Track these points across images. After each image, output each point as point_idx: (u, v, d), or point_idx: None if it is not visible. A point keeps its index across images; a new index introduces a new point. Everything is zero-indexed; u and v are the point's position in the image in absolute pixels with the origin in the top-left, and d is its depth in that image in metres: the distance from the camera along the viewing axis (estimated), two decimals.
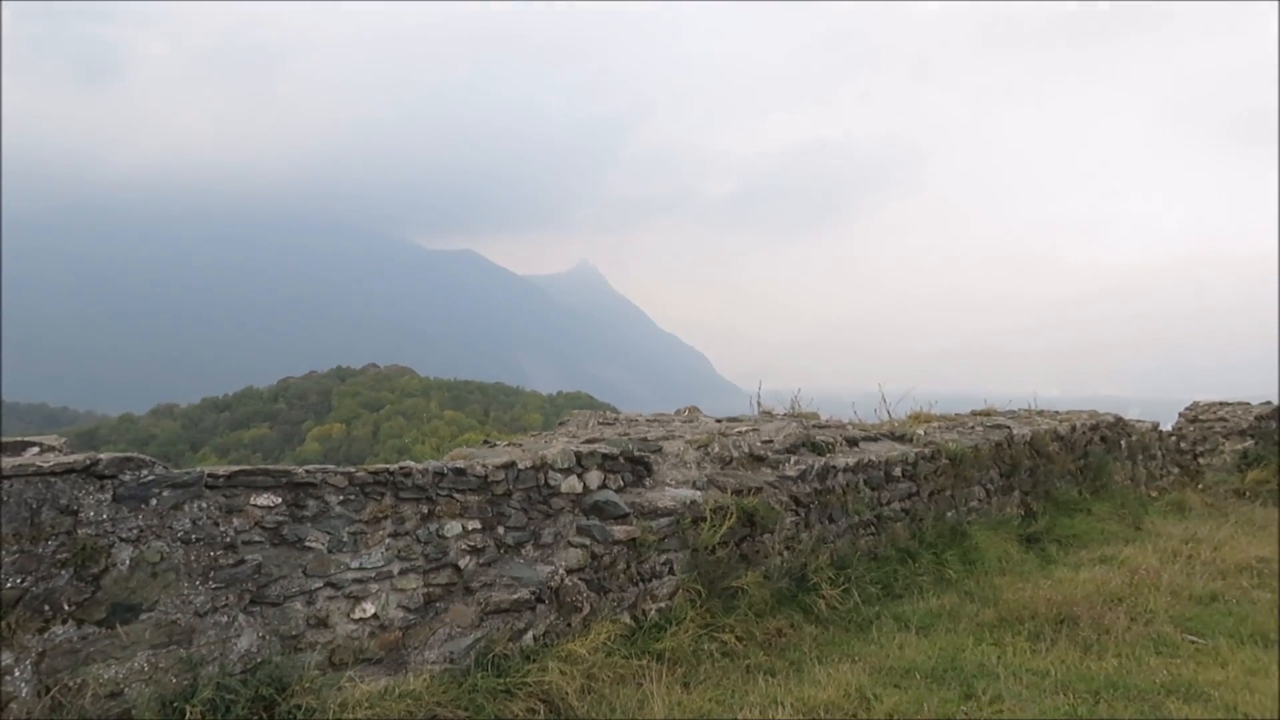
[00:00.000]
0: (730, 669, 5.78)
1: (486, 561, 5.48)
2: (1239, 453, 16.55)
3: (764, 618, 6.51)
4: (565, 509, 6.02)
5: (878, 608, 7.18)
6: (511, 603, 5.41)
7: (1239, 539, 10.40)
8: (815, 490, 7.74)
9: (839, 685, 5.45)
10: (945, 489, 9.51)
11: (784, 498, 7.35)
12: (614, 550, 6.01)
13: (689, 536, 6.48)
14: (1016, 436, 11.09)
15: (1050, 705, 5.26)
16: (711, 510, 6.61)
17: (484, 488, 5.53)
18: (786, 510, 7.33)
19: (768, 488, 7.26)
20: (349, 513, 4.87)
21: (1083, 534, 10.27)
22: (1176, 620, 7.15)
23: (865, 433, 9.51)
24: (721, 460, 7.49)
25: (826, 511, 7.85)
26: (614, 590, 6.02)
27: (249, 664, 4.39)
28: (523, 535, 5.72)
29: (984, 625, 6.84)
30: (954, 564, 8.41)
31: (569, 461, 6.12)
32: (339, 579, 4.78)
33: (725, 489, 6.98)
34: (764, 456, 7.79)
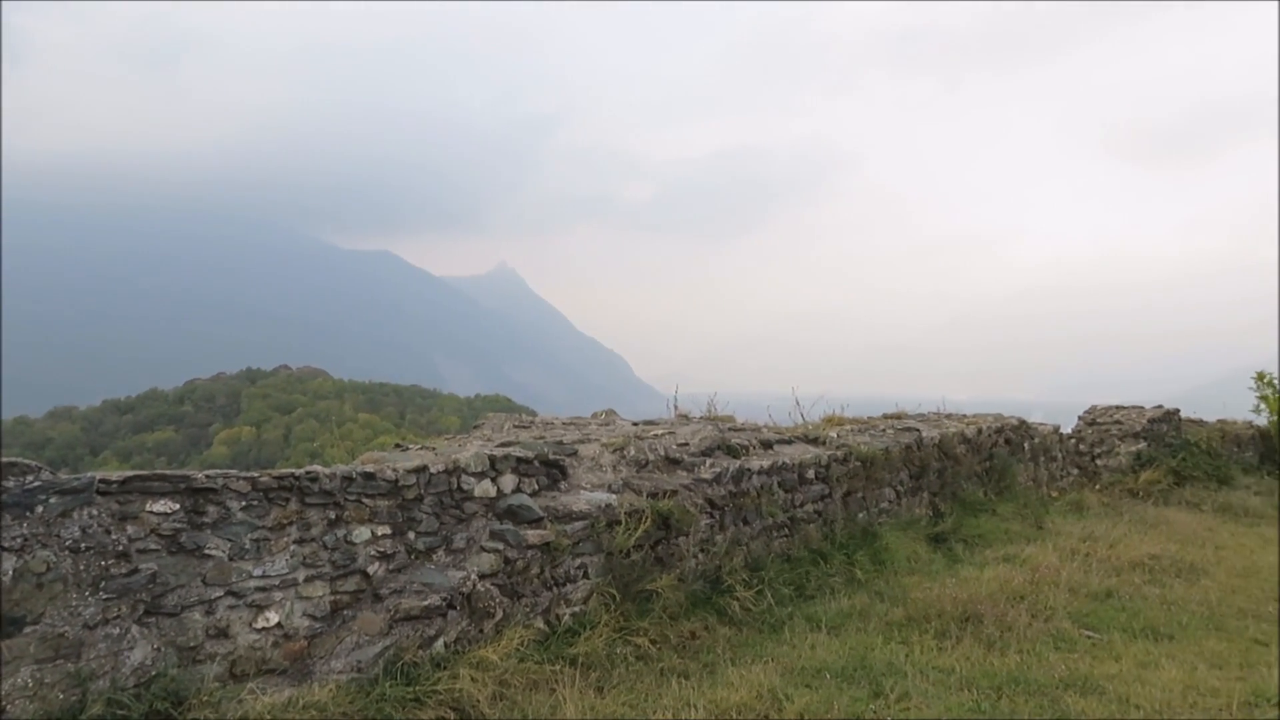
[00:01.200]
0: (644, 672, 5.78)
1: (396, 568, 5.37)
2: (1133, 454, 17.25)
3: (678, 620, 6.53)
4: (478, 513, 5.95)
5: (790, 608, 7.27)
6: (422, 609, 5.31)
7: (1133, 537, 10.84)
8: (730, 493, 7.80)
9: (751, 686, 5.50)
10: (857, 491, 9.69)
11: (699, 500, 7.38)
12: (528, 555, 5.96)
13: (604, 540, 6.46)
14: (926, 439, 11.35)
15: (955, 701, 5.39)
16: (627, 513, 6.61)
17: (395, 492, 5.42)
18: (702, 513, 7.36)
19: (683, 491, 7.29)
20: (252, 519, 4.72)
21: (988, 534, 10.57)
22: (1075, 616, 7.41)
23: (779, 435, 9.62)
24: (637, 463, 7.49)
25: (741, 514, 7.92)
26: (527, 595, 5.96)
27: (143, 677, 4.21)
28: (434, 540, 5.62)
29: (893, 624, 6.98)
30: (865, 564, 8.57)
31: (483, 465, 6.05)
32: (241, 587, 4.63)
33: (641, 492, 6.98)
34: (680, 459, 7.81)
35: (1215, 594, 8.54)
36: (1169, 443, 17.77)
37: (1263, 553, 10.93)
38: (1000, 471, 13.12)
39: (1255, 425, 20.35)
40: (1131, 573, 9.11)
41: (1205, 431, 18.76)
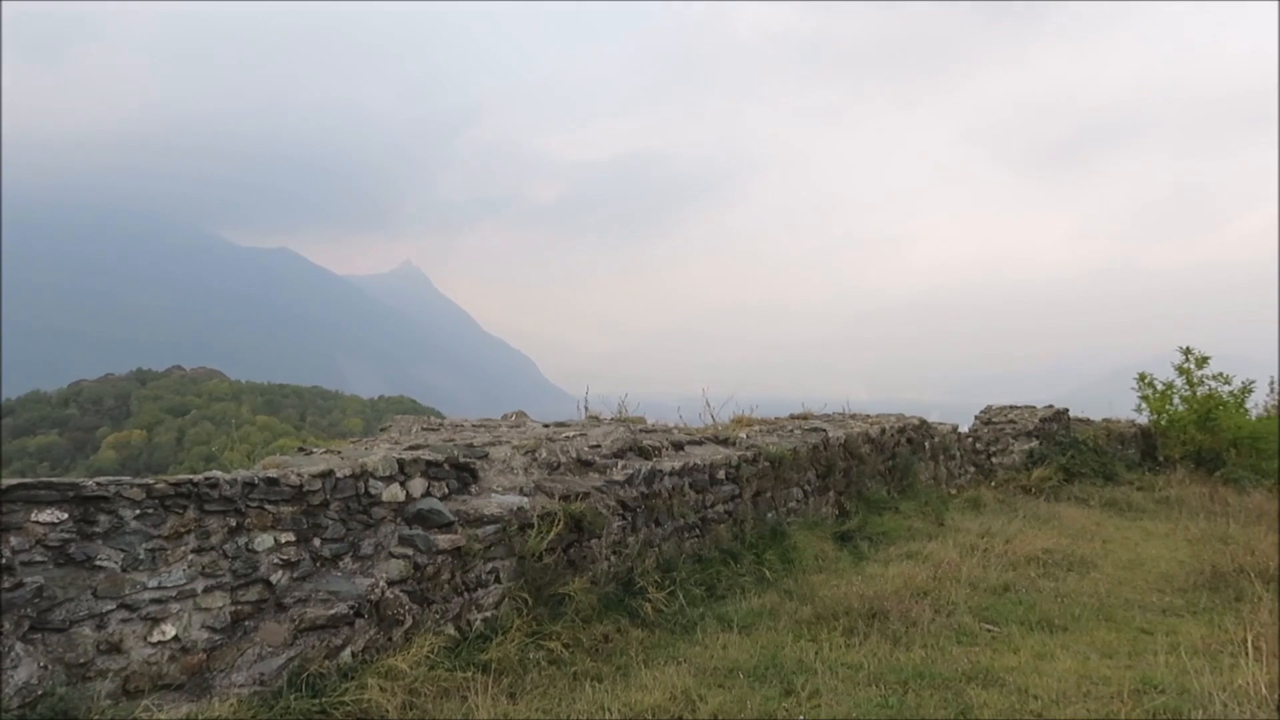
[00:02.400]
0: (557, 677, 5.73)
1: (301, 576, 5.20)
2: (1026, 452, 17.92)
3: (591, 623, 6.50)
4: (387, 518, 5.81)
5: (702, 609, 7.31)
6: (328, 618, 5.16)
7: (1027, 532, 11.25)
8: (642, 494, 7.80)
9: (665, 688, 5.50)
10: (766, 491, 9.81)
11: (611, 502, 7.36)
12: (438, 560, 5.84)
13: (516, 544, 6.39)
14: (832, 439, 11.57)
15: (864, 697, 5.49)
16: (539, 516, 6.54)
17: (299, 498, 5.25)
18: (614, 515, 7.35)
19: (595, 493, 7.26)
20: (147, 528, 4.51)
21: (891, 531, 10.83)
22: (975, 610, 7.64)
23: (690, 437, 9.68)
24: (549, 466, 7.43)
25: (653, 515, 7.93)
26: (438, 601, 5.85)
27: (28, 697, 3.98)
28: (341, 547, 5.47)
29: (802, 622, 7.08)
30: (774, 564, 8.68)
31: (391, 469, 5.91)
32: (135, 600, 4.42)
33: (553, 495, 6.93)
34: (592, 461, 7.78)
35: (1104, 586, 8.92)
36: (1059, 441, 18.51)
37: (1146, 545, 11.47)
38: (903, 470, 13.47)
39: (1137, 424, 21.35)
40: (1027, 567, 9.45)
41: (1092, 430, 19.61)
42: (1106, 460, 18.32)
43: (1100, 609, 8.06)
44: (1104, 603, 8.28)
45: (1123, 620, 7.75)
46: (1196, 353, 21.39)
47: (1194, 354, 21.39)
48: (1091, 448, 18.52)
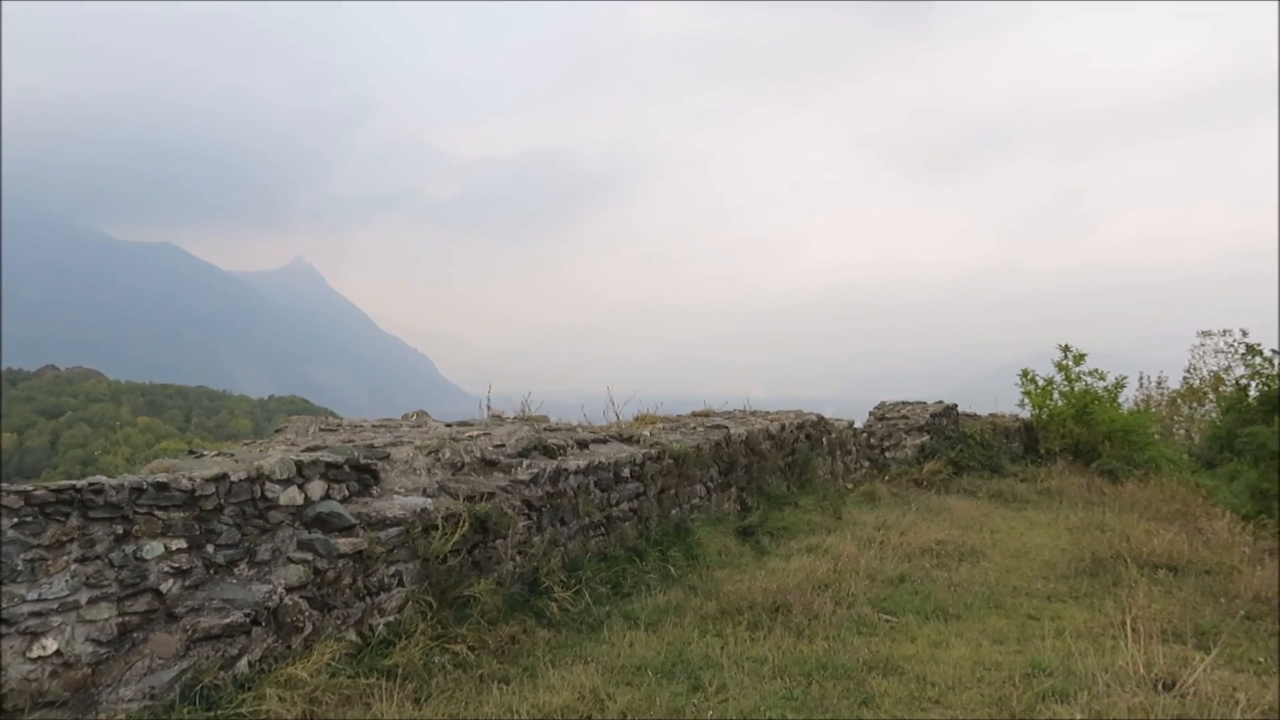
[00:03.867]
0: (464, 680, 5.64)
1: (194, 584, 4.99)
2: (918, 446, 18.50)
3: (497, 625, 6.42)
4: (285, 523, 5.62)
5: (608, 607, 7.31)
6: (223, 627, 4.96)
7: (920, 524, 11.61)
8: (548, 493, 7.75)
9: (573, 688, 5.48)
10: (670, 488, 9.87)
11: (517, 502, 7.30)
12: (339, 564, 5.69)
13: (419, 546, 6.27)
14: (734, 436, 11.72)
15: (769, 690, 5.58)
16: (443, 518, 6.43)
17: (191, 503, 5.04)
18: (519, 515, 7.28)
19: (500, 493, 7.18)
20: (25, 537, 4.26)
21: (792, 525, 11.03)
22: (874, 601, 7.85)
23: (595, 435, 9.67)
24: (453, 466, 7.31)
25: (559, 514, 7.89)
26: (339, 607, 5.69)
27: None
28: (236, 553, 5.27)
29: (707, 617, 7.15)
30: (679, 560, 8.74)
31: (289, 471, 5.72)
32: (12, 614, 4.16)
33: (457, 495, 6.82)
34: (496, 461, 7.70)
35: (993, 575, 9.27)
36: (949, 435, 19.17)
37: (1030, 535, 11.97)
38: (802, 466, 13.74)
39: (1021, 418, 22.28)
40: (921, 558, 9.75)
41: (979, 424, 20.36)
42: (993, 453, 19.05)
43: (990, 597, 8.37)
44: (993, 591, 8.60)
45: (1011, 607, 8.06)
46: (1074, 350, 22.46)
47: (1072, 351, 22.45)
48: (979, 442, 19.23)
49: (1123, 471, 19.29)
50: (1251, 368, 26.58)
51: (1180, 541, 11.02)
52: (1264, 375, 25.76)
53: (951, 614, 7.72)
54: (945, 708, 5.39)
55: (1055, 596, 8.56)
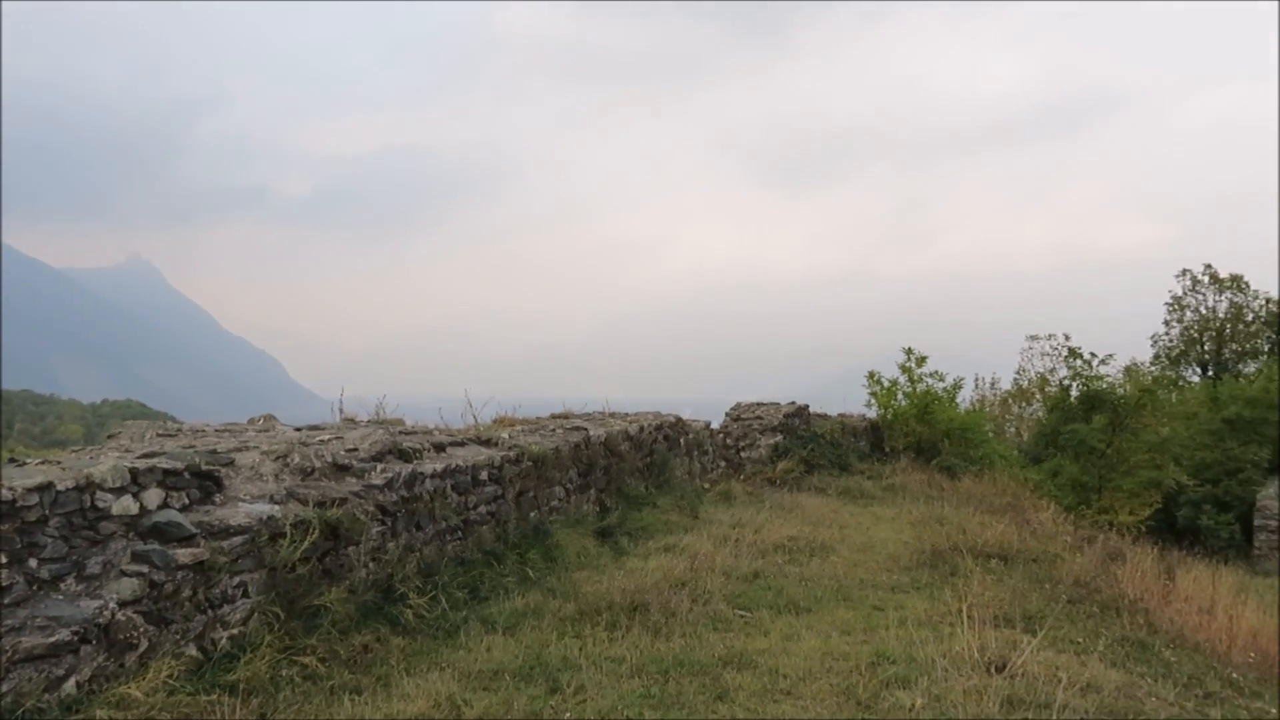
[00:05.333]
0: (313, 693, 5.45)
1: (15, 601, 4.63)
2: (772, 446, 19.03)
3: (349, 634, 6.23)
4: (118, 534, 5.29)
5: (465, 612, 7.20)
6: (47, 647, 4.63)
7: (774, 522, 11.95)
8: (403, 498, 7.58)
9: (429, 695, 5.38)
10: (529, 490, 9.82)
11: (370, 507, 7.10)
12: (178, 576, 5.39)
13: (266, 555, 6.01)
14: (593, 437, 11.76)
15: (627, 689, 5.62)
16: (292, 525, 6.19)
17: (12, 514, 4.68)
18: (373, 520, 7.09)
19: (353, 498, 6.97)
20: None
21: (650, 526, 11.16)
22: (729, 598, 8.03)
23: (452, 438, 9.52)
24: (303, 471, 7.06)
25: (414, 519, 7.73)
26: (178, 621, 5.40)
27: None
28: (63, 567, 4.92)
29: (566, 619, 7.14)
30: (537, 562, 8.71)
31: (122, 479, 5.39)
32: None
33: (307, 501, 6.58)
34: (349, 465, 7.47)
35: (842, 568, 9.64)
36: (801, 435, 19.80)
37: (876, 529, 12.50)
38: (660, 466, 13.92)
39: (868, 418, 23.26)
40: (774, 554, 10.04)
41: (829, 424, 21.14)
42: (842, 452, 19.81)
43: (839, 590, 8.69)
44: (842, 584, 8.94)
45: (858, 599, 8.40)
46: (916, 353, 23.62)
47: (914, 354, 23.60)
48: (829, 441, 19.96)
49: (960, 468, 20.42)
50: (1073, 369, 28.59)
51: (1010, 532, 11.75)
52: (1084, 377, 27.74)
53: (803, 608, 7.97)
54: (796, 698, 5.57)
55: (899, 588, 8.97)
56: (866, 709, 5.34)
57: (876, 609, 8.00)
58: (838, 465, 18.81)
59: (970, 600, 7.63)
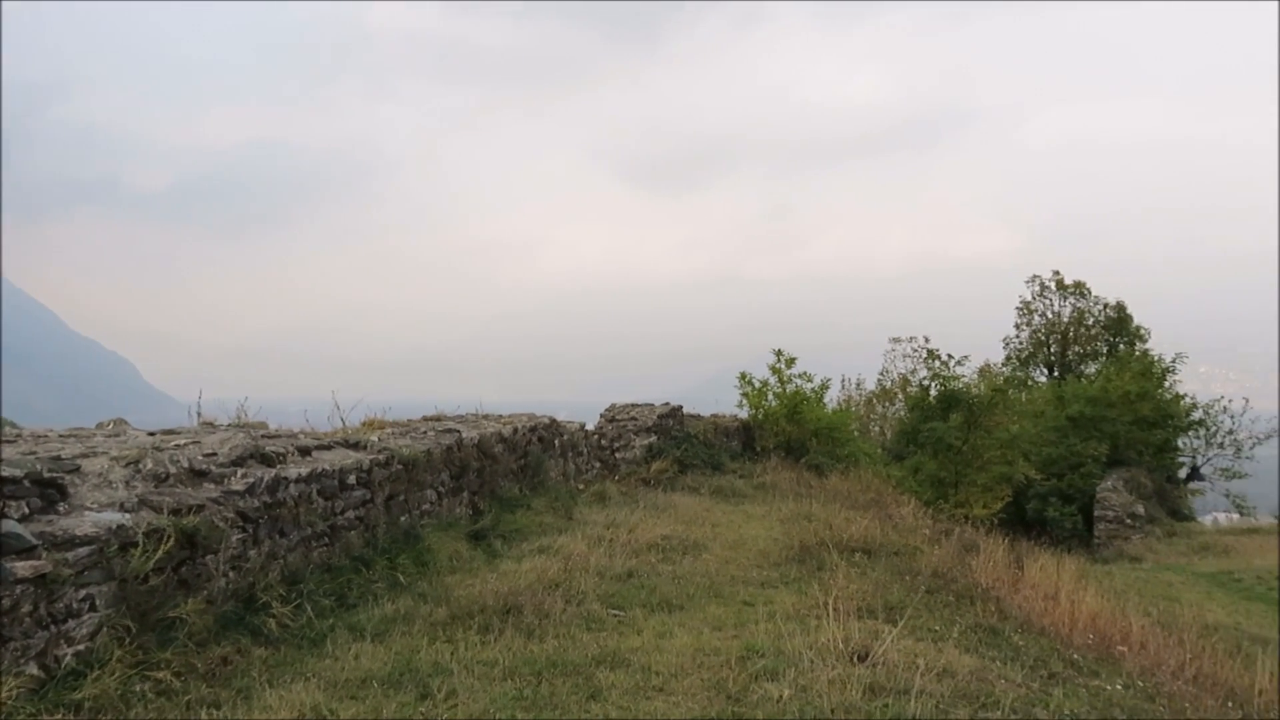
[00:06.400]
0: (167, 709, 5.19)
1: None
2: (646, 447, 19.21)
3: (207, 647, 5.97)
4: None
5: (332, 620, 7.00)
6: None
7: (647, 521, 12.07)
8: (265, 504, 7.31)
9: (292, 706, 5.21)
10: (399, 494, 9.62)
11: (230, 514, 6.82)
12: (17, 591, 5.05)
13: (116, 566, 5.70)
14: (465, 440, 11.61)
15: (499, 692, 5.57)
16: (145, 534, 5.89)
17: None
18: (233, 527, 6.81)
19: (211, 505, 6.68)
20: None
21: (524, 527, 11.10)
22: (603, 598, 8.06)
23: (319, 441, 9.23)
24: (156, 478, 6.72)
25: (278, 525, 7.46)
26: (17, 638, 5.05)
27: None
28: None
29: (437, 624, 7.03)
30: (408, 567, 8.54)
31: None
32: None
33: (161, 509, 6.27)
34: (207, 471, 7.16)
35: (714, 566, 9.81)
36: (674, 436, 20.05)
37: (747, 527, 12.78)
38: (534, 468, 13.86)
39: (740, 418, 23.75)
40: (648, 553, 10.13)
41: (702, 425, 21.49)
42: (714, 452, 20.16)
43: (711, 587, 8.84)
44: (714, 581, 9.10)
45: (730, 595, 8.56)
46: (786, 354, 24.26)
47: (784, 355, 24.24)
48: (702, 441, 20.29)
49: (827, 466, 21.09)
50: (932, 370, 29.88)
51: (874, 527, 12.20)
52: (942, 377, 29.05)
53: (675, 605, 8.07)
54: (668, 695, 5.63)
55: (768, 583, 9.19)
56: (736, 702, 5.45)
57: (747, 604, 8.18)
58: (710, 465, 19.13)
59: (835, 593, 7.88)
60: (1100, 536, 28.33)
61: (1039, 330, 45.07)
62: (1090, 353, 44.16)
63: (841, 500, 15.77)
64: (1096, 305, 44.39)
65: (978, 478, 26.78)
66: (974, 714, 5.37)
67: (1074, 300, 44.64)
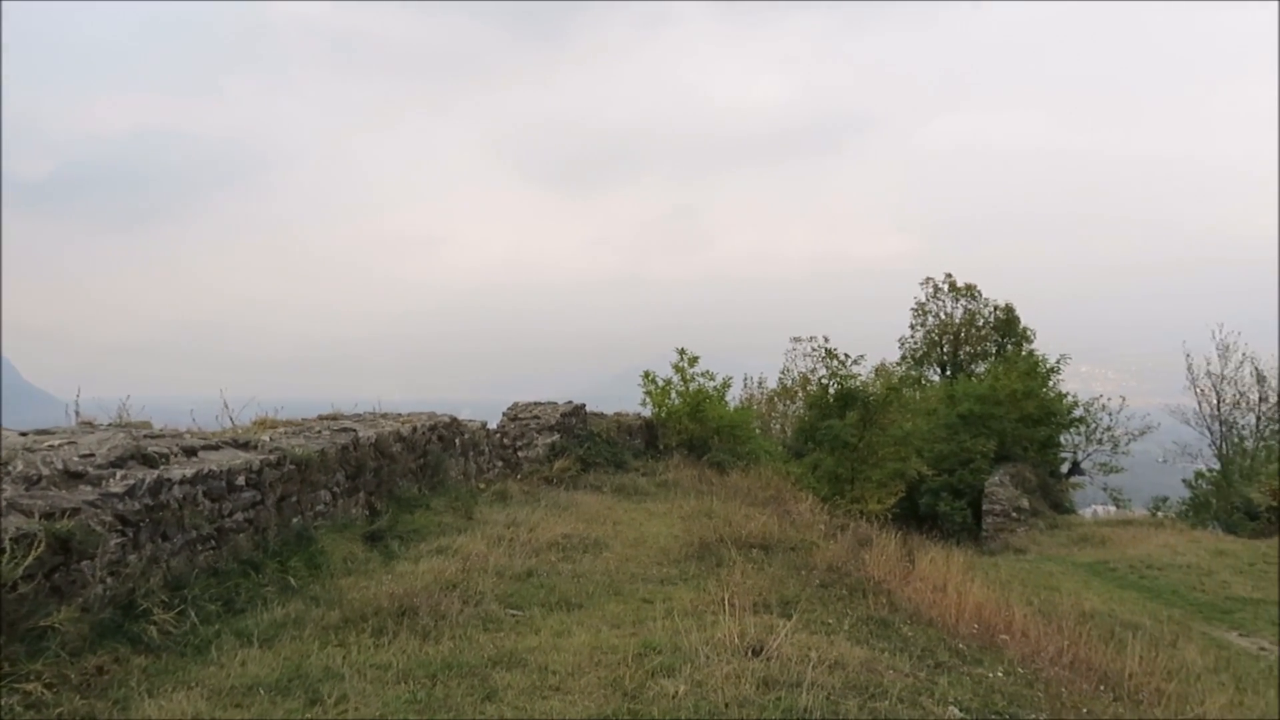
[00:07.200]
0: None
1: None
2: (549, 445, 19.13)
3: (82, 656, 5.70)
4: None
5: (218, 626, 6.77)
6: None
7: (549, 520, 12.02)
8: (147, 506, 7.02)
9: (172, 716, 5.02)
10: (292, 495, 9.36)
11: (108, 518, 6.53)
12: None
13: None
14: (362, 439, 11.37)
15: (392, 695, 5.47)
16: (13, 540, 5.59)
17: None
18: (112, 531, 6.53)
19: (88, 508, 6.38)
20: None
21: (422, 528, 10.93)
22: (501, 598, 8.00)
23: (206, 441, 8.92)
24: (27, 480, 6.39)
25: (160, 529, 7.18)
26: None
27: None
28: None
29: (329, 628, 6.87)
30: (300, 570, 8.32)
31: None
32: None
33: (32, 513, 5.97)
34: (84, 473, 6.83)
35: (614, 564, 9.83)
36: (577, 434, 20.03)
37: (649, 524, 12.84)
38: (434, 467, 13.66)
39: (643, 416, 23.87)
40: (548, 552, 10.10)
41: (605, 423, 21.51)
42: (617, 450, 20.21)
43: (611, 585, 8.86)
44: (614, 579, 9.12)
45: (629, 593, 8.59)
46: (689, 353, 24.47)
47: (687, 354, 24.45)
48: (605, 439, 20.31)
49: (729, 463, 21.36)
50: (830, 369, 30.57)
51: (772, 523, 12.42)
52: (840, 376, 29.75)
53: (574, 604, 8.06)
54: (564, 693, 5.62)
55: (668, 580, 9.25)
56: (632, 699, 5.47)
57: (646, 601, 8.22)
58: (613, 463, 19.17)
59: (732, 589, 7.99)
60: (988, 530, 29.41)
61: (932, 331, 46.52)
62: (980, 353, 45.80)
63: (742, 497, 15.99)
64: (987, 307, 46.05)
65: (873, 474, 27.51)
66: (863, 704, 5.51)
67: (966, 302, 46.22)
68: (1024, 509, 29.49)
